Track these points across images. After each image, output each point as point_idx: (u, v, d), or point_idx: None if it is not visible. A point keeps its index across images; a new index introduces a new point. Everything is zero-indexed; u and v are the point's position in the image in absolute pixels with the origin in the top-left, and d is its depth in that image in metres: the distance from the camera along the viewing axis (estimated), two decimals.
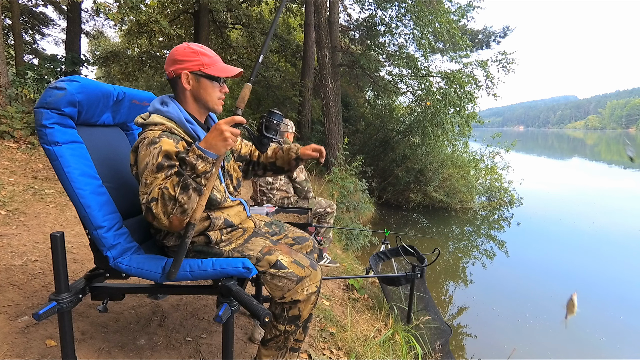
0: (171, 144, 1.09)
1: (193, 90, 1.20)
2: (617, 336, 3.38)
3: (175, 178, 1.01)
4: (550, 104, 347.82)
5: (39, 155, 4.37)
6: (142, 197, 1.04)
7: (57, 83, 1.13)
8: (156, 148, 1.06)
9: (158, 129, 1.13)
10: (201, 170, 1.00)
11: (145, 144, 1.08)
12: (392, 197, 8.76)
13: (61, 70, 6.98)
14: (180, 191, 0.99)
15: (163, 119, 1.16)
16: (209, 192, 1.05)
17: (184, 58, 1.17)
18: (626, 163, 19.82)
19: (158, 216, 1.01)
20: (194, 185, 1.00)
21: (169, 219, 1.01)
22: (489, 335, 3.37)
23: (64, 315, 1.14)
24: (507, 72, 8.56)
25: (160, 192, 1.01)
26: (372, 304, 2.68)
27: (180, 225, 1.05)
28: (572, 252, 5.70)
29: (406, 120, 9.63)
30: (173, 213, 1.01)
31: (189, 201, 1.01)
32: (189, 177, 1.00)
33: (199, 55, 1.18)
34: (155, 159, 1.05)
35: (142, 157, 1.07)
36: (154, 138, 1.08)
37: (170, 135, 1.11)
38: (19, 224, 2.51)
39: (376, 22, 9.09)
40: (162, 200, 1.00)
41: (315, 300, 1.27)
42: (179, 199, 0.99)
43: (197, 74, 1.18)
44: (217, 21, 11.51)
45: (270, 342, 1.28)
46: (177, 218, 1.02)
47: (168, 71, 1.20)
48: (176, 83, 1.20)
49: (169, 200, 1.00)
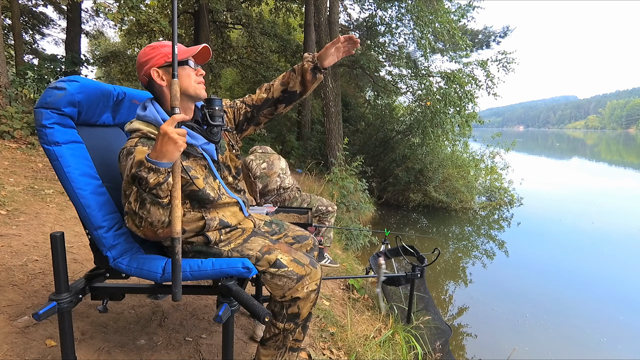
0: (145, 151, 1.03)
1: (169, 84, 1.14)
2: (617, 336, 3.38)
3: (134, 191, 1.01)
4: (550, 104, 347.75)
5: (39, 155, 4.37)
6: (124, 208, 1.07)
7: (57, 83, 1.13)
8: (131, 159, 1.03)
9: (136, 136, 1.12)
10: (153, 183, 0.96)
11: (124, 155, 1.07)
12: (392, 197, 8.76)
13: (61, 70, 6.98)
14: (139, 205, 1.00)
15: (142, 124, 1.14)
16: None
17: (147, 57, 1.15)
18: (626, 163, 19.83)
19: (131, 229, 1.06)
20: (149, 199, 0.98)
21: (142, 231, 1.05)
22: (489, 335, 3.37)
23: (64, 315, 1.14)
24: (507, 72, 8.56)
25: (127, 206, 1.03)
26: (372, 304, 2.68)
27: (155, 236, 1.07)
28: (572, 252, 5.69)
29: (406, 120, 9.63)
30: (142, 226, 1.03)
31: (150, 215, 1.00)
32: (144, 191, 0.98)
33: (159, 48, 1.15)
34: (129, 170, 1.02)
35: (122, 168, 1.07)
36: (130, 148, 1.06)
37: (145, 142, 1.08)
38: (19, 224, 2.51)
39: (376, 22, 9.10)
40: (129, 213, 1.03)
41: (315, 299, 1.26)
42: (139, 213, 1.01)
43: (164, 67, 1.14)
44: (217, 21, 11.51)
45: (269, 342, 1.28)
46: (149, 229, 1.04)
47: (140, 78, 1.18)
48: (152, 85, 1.17)
49: (133, 214, 1.02)
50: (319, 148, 9.47)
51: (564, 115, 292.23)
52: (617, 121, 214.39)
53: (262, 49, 11.27)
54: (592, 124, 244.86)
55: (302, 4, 11.11)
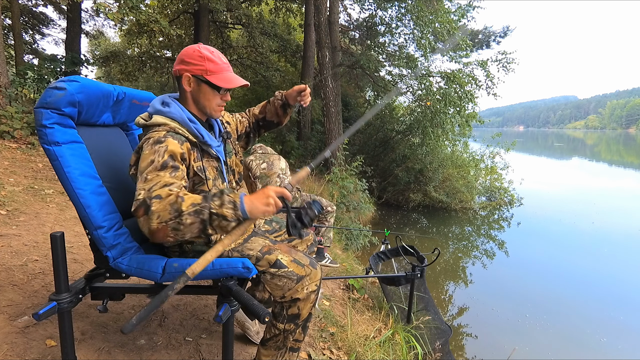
0: (177, 144, 1.08)
1: (193, 92, 1.20)
2: (617, 336, 3.38)
3: (199, 198, 0.97)
4: (550, 104, 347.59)
5: (39, 155, 4.37)
6: (139, 192, 0.99)
7: (57, 83, 1.13)
8: (162, 147, 1.05)
9: (162, 129, 1.12)
10: (223, 212, 0.95)
11: (150, 143, 1.07)
12: (392, 197, 8.76)
13: (61, 70, 6.98)
14: (191, 211, 0.94)
15: (166, 120, 1.15)
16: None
17: (190, 60, 1.16)
18: (626, 163, 19.83)
19: (151, 215, 0.94)
20: (205, 217, 0.95)
21: (159, 225, 0.95)
22: (489, 335, 3.37)
23: (64, 315, 1.14)
24: (507, 72, 8.56)
25: (173, 197, 0.96)
26: (372, 304, 2.68)
27: (161, 237, 0.98)
28: (572, 252, 5.70)
29: (406, 120, 9.63)
30: (167, 223, 0.94)
31: (188, 226, 0.95)
32: (210, 208, 0.95)
33: (205, 60, 1.16)
34: (162, 157, 1.04)
35: (146, 155, 1.05)
36: (159, 137, 1.08)
37: (175, 136, 1.11)
38: (19, 224, 2.51)
39: (376, 22, 9.10)
40: (167, 204, 0.95)
41: (315, 300, 1.27)
42: (183, 217, 0.94)
43: (199, 78, 1.18)
44: (217, 21, 11.52)
45: (269, 342, 1.28)
46: (165, 229, 0.95)
47: (174, 69, 1.20)
48: (180, 82, 1.21)
49: (174, 210, 0.94)
50: (319, 148, 9.47)
51: (564, 115, 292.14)
52: (617, 121, 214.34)
53: (262, 49, 11.27)
54: (592, 124, 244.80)
55: (302, 4, 11.11)
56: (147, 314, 0.83)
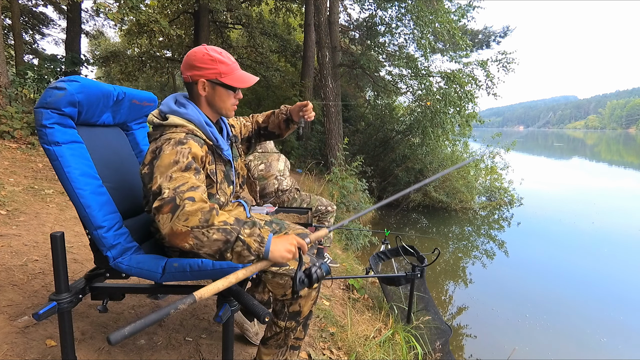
0: (198, 147, 1.09)
1: (208, 96, 1.21)
2: (617, 336, 3.38)
3: (232, 218, 0.99)
4: (550, 104, 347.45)
5: (39, 155, 4.37)
6: (163, 190, 0.97)
7: (57, 83, 1.13)
8: (185, 148, 1.06)
9: (180, 131, 1.11)
10: (249, 242, 0.97)
11: (171, 144, 1.06)
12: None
13: (61, 70, 6.98)
14: (221, 228, 0.95)
15: (183, 121, 1.15)
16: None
17: (201, 65, 1.15)
18: (626, 163, 19.82)
19: (180, 216, 0.93)
20: (232, 238, 0.95)
21: (183, 227, 0.94)
22: (489, 335, 3.37)
23: (64, 315, 1.14)
24: (507, 72, 8.56)
25: (207, 207, 0.97)
26: (372, 304, 2.68)
27: (179, 241, 0.96)
28: (572, 252, 5.70)
29: (406, 120, 9.63)
30: (193, 229, 0.94)
31: (212, 241, 0.95)
32: (239, 232, 0.96)
33: (217, 63, 1.16)
34: (186, 158, 1.04)
35: (167, 155, 1.03)
36: (181, 139, 1.07)
37: (194, 138, 1.11)
38: (19, 224, 2.51)
39: (376, 22, 9.09)
40: (199, 210, 0.95)
41: (316, 297, 1.28)
42: (211, 230, 0.94)
43: (214, 82, 1.18)
44: (217, 21, 11.52)
45: (270, 341, 1.28)
46: (187, 235, 0.94)
47: (185, 75, 1.19)
48: (192, 87, 1.20)
49: (205, 220, 0.94)
50: (319, 148, 9.47)
51: (564, 115, 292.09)
52: (617, 121, 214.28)
53: (262, 49, 11.27)
54: (592, 124, 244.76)
55: (302, 4, 11.12)
56: (143, 327, 0.78)
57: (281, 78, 11.52)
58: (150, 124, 1.20)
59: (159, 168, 1.02)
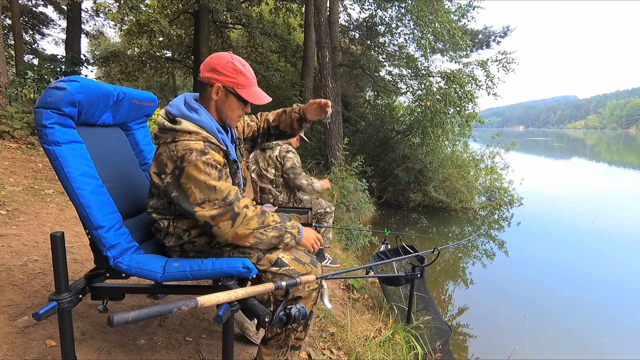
0: (218, 155, 1.14)
1: (219, 102, 1.22)
2: (617, 336, 3.38)
3: (277, 217, 1.21)
4: (550, 104, 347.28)
5: (39, 155, 4.37)
6: (212, 202, 1.10)
7: (57, 83, 1.13)
8: (210, 158, 1.10)
9: (196, 138, 1.12)
10: (293, 232, 1.24)
11: (195, 155, 1.08)
12: (392, 197, 8.76)
13: (61, 70, 6.98)
14: (273, 226, 1.18)
15: (197, 128, 1.15)
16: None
17: (222, 71, 1.17)
18: (626, 163, 19.82)
19: (244, 221, 1.13)
20: (283, 232, 1.20)
21: (246, 230, 1.14)
22: (489, 335, 3.37)
23: (64, 315, 1.14)
24: (507, 72, 8.55)
25: (259, 210, 1.17)
26: (372, 304, 2.68)
27: (243, 241, 1.15)
28: (572, 252, 5.69)
29: (406, 120, 9.63)
30: (253, 230, 1.15)
31: (269, 237, 1.18)
32: (285, 226, 1.22)
33: (238, 74, 1.19)
34: (215, 168, 1.11)
35: (196, 167, 1.08)
36: (202, 148, 1.10)
37: (212, 146, 1.14)
38: (19, 224, 2.51)
39: (376, 22, 9.09)
40: (255, 215, 1.16)
41: (316, 298, 1.28)
42: (268, 229, 1.17)
43: (229, 90, 1.20)
44: (217, 21, 11.52)
45: (271, 341, 1.28)
46: (249, 236, 1.15)
47: (203, 75, 1.20)
48: (205, 89, 1.21)
49: (261, 221, 1.16)
50: (319, 148, 9.46)
51: (564, 115, 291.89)
52: (617, 121, 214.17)
53: (262, 49, 11.27)
54: (592, 124, 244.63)
55: (302, 4, 11.11)
56: (145, 317, 0.81)
57: (281, 78, 11.52)
58: (158, 125, 1.18)
59: (191, 181, 1.09)
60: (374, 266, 2.44)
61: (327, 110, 1.46)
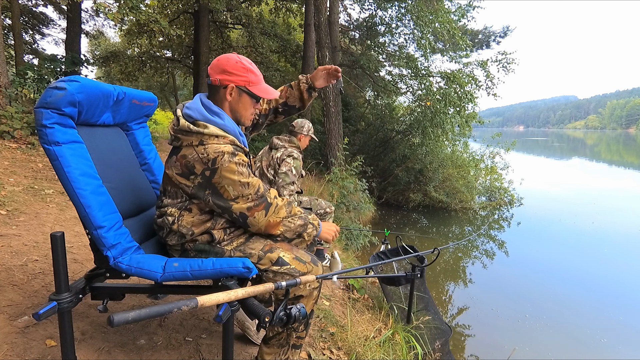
0: (244, 156, 1.21)
1: (232, 102, 1.25)
2: (617, 336, 3.38)
3: (300, 209, 1.31)
4: (550, 104, 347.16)
5: (39, 155, 4.37)
6: (246, 197, 1.17)
7: (57, 83, 1.12)
8: (238, 159, 1.16)
9: (224, 142, 1.17)
10: (315, 224, 1.33)
11: (226, 158, 1.13)
12: (392, 197, 8.76)
13: (61, 70, 6.98)
14: (298, 215, 1.28)
15: (223, 132, 1.19)
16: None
17: (233, 71, 1.21)
18: (626, 163, 19.83)
19: (276, 211, 1.22)
20: (306, 222, 1.29)
21: (277, 218, 1.23)
22: (489, 335, 3.37)
23: (64, 315, 1.14)
24: (507, 72, 8.55)
25: (286, 201, 1.27)
26: (372, 304, 2.68)
27: (273, 230, 1.24)
28: (572, 252, 5.69)
29: (406, 120, 9.63)
30: (283, 219, 1.24)
31: (296, 226, 1.27)
32: (308, 218, 1.31)
33: (248, 72, 1.23)
34: (244, 167, 1.17)
35: (229, 168, 1.13)
36: (232, 151, 1.15)
37: (237, 149, 1.19)
38: (19, 224, 2.51)
39: (376, 22, 9.10)
40: (284, 205, 1.25)
41: (317, 296, 1.28)
42: (295, 217, 1.27)
43: (242, 89, 1.23)
44: (217, 21, 11.52)
45: (272, 340, 1.28)
46: (279, 224, 1.24)
47: (214, 78, 1.22)
48: (218, 91, 1.23)
49: (289, 211, 1.26)
50: (319, 148, 9.47)
51: (564, 115, 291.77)
52: (617, 121, 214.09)
53: (262, 49, 11.27)
54: (592, 124, 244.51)
55: (302, 4, 11.09)
56: (145, 317, 0.82)
57: (281, 78, 11.51)
58: (180, 127, 1.17)
59: (225, 180, 1.15)
60: (374, 266, 2.44)
61: (337, 76, 1.49)
